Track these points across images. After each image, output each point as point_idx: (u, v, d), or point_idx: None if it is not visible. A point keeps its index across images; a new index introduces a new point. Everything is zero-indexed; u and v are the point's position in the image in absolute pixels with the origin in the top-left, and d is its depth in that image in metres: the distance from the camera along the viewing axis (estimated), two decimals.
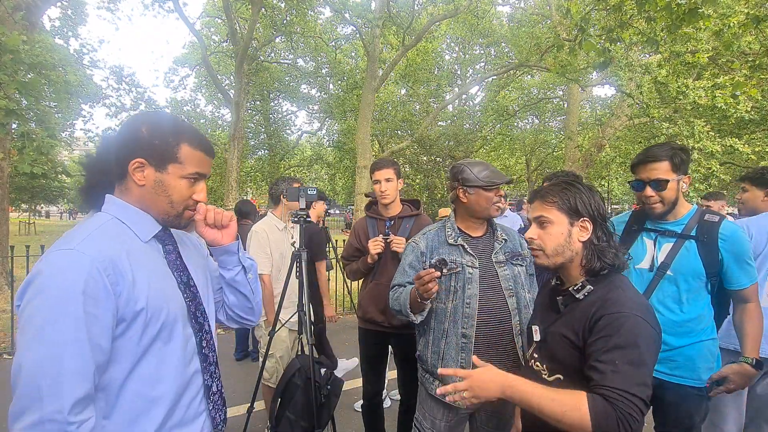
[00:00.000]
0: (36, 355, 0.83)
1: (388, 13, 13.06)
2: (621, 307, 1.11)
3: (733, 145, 9.02)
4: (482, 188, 1.80)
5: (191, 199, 1.08)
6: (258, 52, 15.70)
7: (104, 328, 0.89)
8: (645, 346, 1.07)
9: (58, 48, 7.53)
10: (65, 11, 10.04)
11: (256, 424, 3.08)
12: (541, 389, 1.08)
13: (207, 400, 1.12)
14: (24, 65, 3.67)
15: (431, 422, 1.81)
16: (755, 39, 7.13)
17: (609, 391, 1.01)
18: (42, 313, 0.85)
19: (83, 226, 0.98)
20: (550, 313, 1.32)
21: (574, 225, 1.24)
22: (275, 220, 2.90)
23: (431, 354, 1.80)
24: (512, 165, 25.41)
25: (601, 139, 13.58)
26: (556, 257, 1.25)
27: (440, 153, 15.00)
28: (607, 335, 1.08)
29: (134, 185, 1.03)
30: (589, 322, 1.14)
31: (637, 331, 1.07)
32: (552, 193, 1.27)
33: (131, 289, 0.94)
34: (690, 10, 3.61)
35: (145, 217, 1.05)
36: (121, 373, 0.94)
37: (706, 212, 1.82)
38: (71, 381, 0.84)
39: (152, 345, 0.98)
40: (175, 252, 1.12)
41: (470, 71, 21.09)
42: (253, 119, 20.56)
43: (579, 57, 9.33)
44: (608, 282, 1.22)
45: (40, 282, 0.87)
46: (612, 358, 1.05)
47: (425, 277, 1.51)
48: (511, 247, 1.90)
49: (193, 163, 1.05)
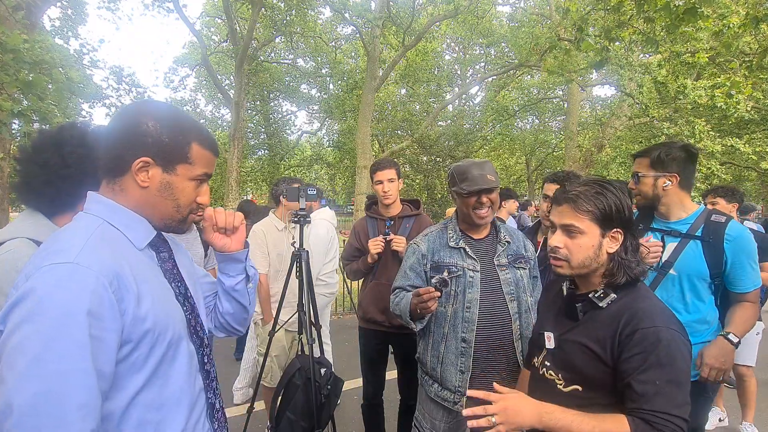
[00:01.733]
0: (33, 390, 0.68)
1: (388, 13, 13.07)
2: (655, 320, 1.06)
3: (734, 145, 9.03)
4: (462, 194, 1.74)
5: (195, 203, 0.98)
6: (258, 52, 15.69)
7: (109, 351, 0.77)
8: (683, 364, 1.03)
9: (58, 48, 7.52)
10: (65, 11, 10.05)
11: (256, 424, 3.09)
12: (581, 416, 1.03)
13: (211, 418, 1.02)
14: (26, 65, 3.67)
15: (431, 423, 1.81)
16: (753, 39, 7.14)
17: (652, 415, 0.97)
18: (37, 341, 0.70)
19: (71, 233, 0.84)
20: (565, 320, 1.24)
21: (606, 236, 1.15)
22: (275, 221, 2.91)
23: (431, 357, 1.79)
24: (512, 165, 25.40)
25: (601, 139, 13.57)
26: (581, 269, 1.17)
27: (440, 153, 15.00)
28: (643, 352, 1.02)
29: (134, 186, 0.90)
30: (620, 335, 1.07)
31: (674, 347, 1.03)
32: (586, 199, 1.14)
33: (137, 307, 0.82)
34: (688, 10, 3.61)
35: (139, 221, 0.92)
36: (122, 401, 0.82)
37: (712, 212, 1.82)
38: (76, 418, 0.71)
39: (158, 367, 0.87)
40: (171, 260, 1.01)
41: (470, 71, 21.10)
42: (253, 119, 20.54)
43: (578, 57, 9.33)
44: (632, 290, 1.15)
45: (33, 303, 0.71)
46: (652, 378, 1.00)
47: (425, 295, 1.49)
48: (515, 249, 1.85)
49: (203, 163, 0.96)
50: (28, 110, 3.65)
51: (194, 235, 2.52)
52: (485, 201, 1.72)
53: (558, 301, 1.33)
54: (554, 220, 1.21)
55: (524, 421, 1.05)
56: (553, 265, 1.22)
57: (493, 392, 1.11)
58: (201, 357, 1.00)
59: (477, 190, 1.69)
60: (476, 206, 1.73)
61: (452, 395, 1.72)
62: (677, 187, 1.81)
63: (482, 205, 1.72)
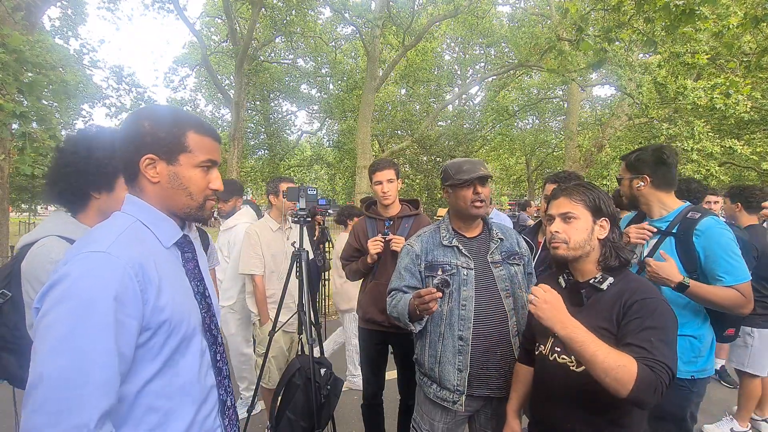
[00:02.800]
0: (62, 363, 0.76)
1: (388, 13, 13.08)
2: (650, 293, 1.26)
3: (733, 146, 9.04)
4: (457, 186, 1.78)
5: (208, 189, 1.03)
6: (258, 52, 15.72)
7: (130, 335, 0.84)
8: (672, 327, 1.22)
9: (58, 48, 7.53)
10: (65, 11, 10.05)
11: (256, 424, 3.09)
12: (598, 343, 1.14)
13: (222, 415, 1.07)
14: (28, 65, 3.67)
15: (429, 424, 1.81)
16: (753, 39, 7.14)
17: (653, 362, 1.11)
18: (68, 319, 0.78)
19: (107, 229, 0.93)
20: (570, 307, 1.33)
21: (596, 223, 1.36)
22: (269, 222, 2.90)
23: (428, 357, 1.79)
24: (512, 165, 25.42)
25: (601, 139, 13.59)
26: (577, 250, 1.35)
27: (440, 153, 15.01)
28: (641, 317, 1.21)
29: (148, 183, 0.98)
30: (623, 308, 1.25)
31: (666, 315, 1.22)
32: (578, 191, 1.38)
33: (157, 298, 0.89)
34: (687, 11, 3.62)
35: (168, 222, 1.01)
36: (136, 385, 0.88)
37: (691, 209, 1.88)
38: (98, 393, 0.78)
39: (171, 357, 0.93)
40: (194, 260, 1.08)
41: (470, 71, 21.12)
42: (253, 119, 20.57)
43: (577, 57, 9.33)
44: (624, 274, 1.35)
45: (67, 286, 0.79)
46: (649, 336, 1.17)
47: (426, 296, 1.50)
48: (508, 246, 1.87)
49: (203, 149, 1.00)
50: (28, 111, 3.66)
51: (194, 235, 2.51)
52: (480, 191, 1.76)
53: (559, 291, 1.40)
54: (552, 212, 1.41)
55: (551, 322, 1.21)
56: (553, 248, 1.39)
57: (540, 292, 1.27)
58: (213, 354, 1.05)
59: (475, 177, 1.74)
60: (473, 197, 1.76)
61: (451, 394, 1.72)
62: (650, 187, 1.94)
63: (479, 195, 1.76)
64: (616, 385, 1.09)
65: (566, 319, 1.20)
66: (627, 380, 1.08)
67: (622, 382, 1.08)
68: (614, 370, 1.09)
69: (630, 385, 1.08)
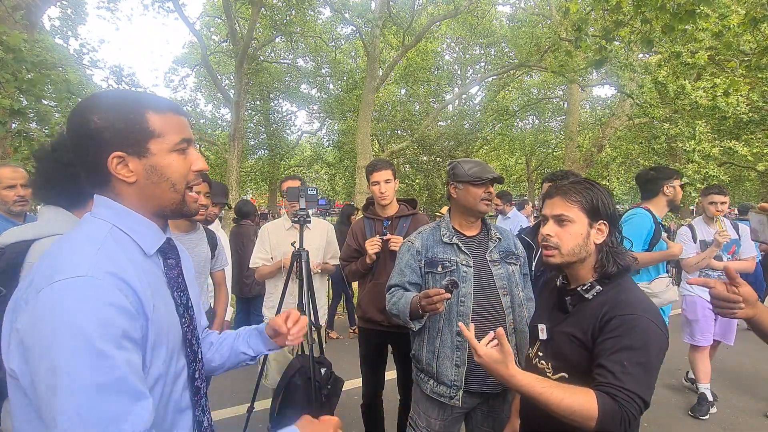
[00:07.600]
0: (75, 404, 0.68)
1: (388, 13, 13.07)
2: (633, 309, 1.12)
3: (732, 147, 9.05)
4: (470, 183, 1.83)
5: (191, 173, 0.90)
6: (258, 52, 15.69)
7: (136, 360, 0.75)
8: (654, 351, 1.08)
9: (58, 48, 7.53)
10: (65, 11, 10.05)
11: (256, 424, 3.09)
12: (551, 387, 1.08)
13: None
14: (27, 63, 3.67)
15: (426, 421, 1.82)
16: (753, 39, 7.14)
17: (619, 391, 1.03)
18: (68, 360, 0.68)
19: (82, 240, 0.80)
20: (557, 312, 1.32)
21: (593, 227, 1.23)
22: (285, 220, 2.92)
23: (426, 353, 1.81)
24: (512, 165, 25.43)
25: (601, 139, 13.57)
26: (571, 257, 1.23)
27: (440, 153, 14.97)
28: (617, 335, 1.09)
29: (124, 185, 0.84)
30: (600, 321, 1.14)
31: (648, 334, 1.08)
32: (575, 191, 1.25)
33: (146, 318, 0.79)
34: (686, 12, 3.62)
35: (150, 226, 0.88)
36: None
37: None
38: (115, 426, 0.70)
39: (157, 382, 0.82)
40: (178, 268, 0.95)
41: (470, 71, 21.08)
42: (253, 119, 20.54)
43: (578, 57, 9.33)
44: (617, 283, 1.22)
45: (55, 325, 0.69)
46: (621, 359, 1.06)
47: (434, 297, 1.52)
48: (506, 246, 1.92)
49: (172, 129, 0.86)
50: (27, 109, 3.66)
51: (200, 236, 2.49)
52: (491, 191, 1.86)
53: (553, 296, 1.40)
54: (546, 212, 1.30)
55: (496, 376, 1.12)
56: (545, 255, 1.27)
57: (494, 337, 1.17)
58: (192, 372, 0.93)
59: (490, 178, 1.82)
60: (483, 195, 1.84)
61: (448, 390, 1.73)
62: None
63: (489, 194, 1.85)
64: (580, 423, 1.04)
65: (505, 371, 1.10)
66: (589, 417, 1.02)
67: (584, 420, 1.03)
68: (573, 413, 1.03)
69: (593, 422, 1.02)
